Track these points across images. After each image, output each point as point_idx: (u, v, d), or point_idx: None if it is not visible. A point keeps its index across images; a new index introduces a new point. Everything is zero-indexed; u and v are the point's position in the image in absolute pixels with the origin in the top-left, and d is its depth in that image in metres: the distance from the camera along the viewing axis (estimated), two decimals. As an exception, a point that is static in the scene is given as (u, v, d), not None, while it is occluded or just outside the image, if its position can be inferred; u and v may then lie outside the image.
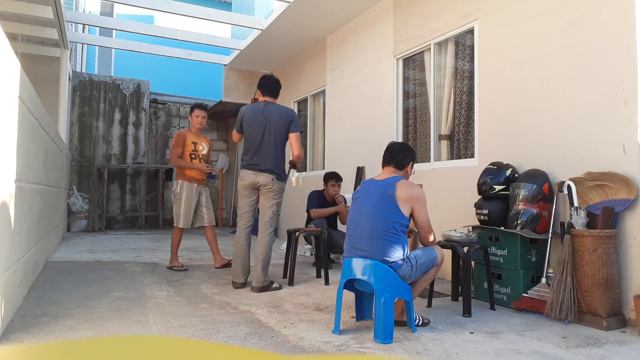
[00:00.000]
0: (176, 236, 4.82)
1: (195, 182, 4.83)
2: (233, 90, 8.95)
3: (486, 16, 4.23)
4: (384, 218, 2.74)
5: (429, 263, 2.84)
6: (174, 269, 4.71)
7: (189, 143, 4.86)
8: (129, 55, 10.54)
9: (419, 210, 2.82)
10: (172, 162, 4.95)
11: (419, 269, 2.80)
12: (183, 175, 4.82)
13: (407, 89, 5.43)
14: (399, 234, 2.75)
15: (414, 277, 2.82)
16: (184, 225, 4.76)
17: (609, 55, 3.18)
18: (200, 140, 4.95)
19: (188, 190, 4.78)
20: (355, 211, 2.92)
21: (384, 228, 2.72)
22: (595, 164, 3.21)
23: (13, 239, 2.87)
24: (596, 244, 2.94)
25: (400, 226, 2.75)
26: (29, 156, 3.42)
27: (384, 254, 2.71)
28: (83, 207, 8.64)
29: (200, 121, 4.94)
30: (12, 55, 2.75)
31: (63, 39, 7.01)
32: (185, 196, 4.76)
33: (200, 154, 4.91)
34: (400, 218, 2.75)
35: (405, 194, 2.78)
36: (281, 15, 6.35)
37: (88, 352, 0.40)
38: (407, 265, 2.75)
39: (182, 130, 4.95)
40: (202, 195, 4.91)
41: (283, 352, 2.39)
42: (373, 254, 2.72)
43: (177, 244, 4.81)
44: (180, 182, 4.81)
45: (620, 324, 2.92)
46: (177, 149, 4.80)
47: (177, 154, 4.79)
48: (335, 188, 5.30)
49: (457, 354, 2.41)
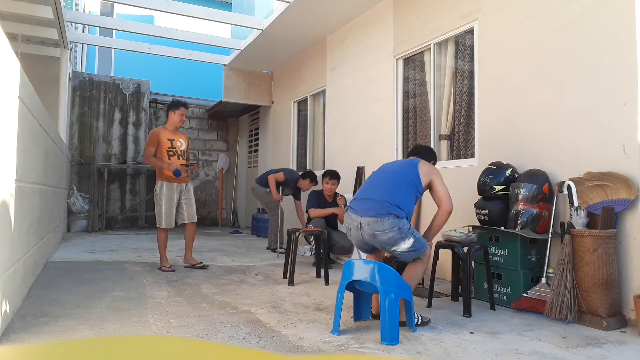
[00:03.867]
0: (161, 237, 4.77)
1: (175, 181, 4.74)
2: (233, 90, 8.95)
3: (486, 16, 4.23)
4: (404, 176, 3.02)
5: (419, 246, 2.94)
6: (162, 269, 4.69)
7: (165, 140, 4.75)
8: (129, 55, 10.54)
9: (438, 182, 3.08)
10: (145, 161, 4.86)
11: (413, 243, 2.90)
12: (161, 175, 4.73)
13: (407, 89, 5.43)
14: (410, 194, 2.97)
15: (403, 249, 2.90)
16: (167, 226, 4.72)
17: (608, 55, 3.18)
18: (177, 136, 4.85)
19: (167, 190, 4.71)
20: (371, 177, 3.19)
21: (401, 182, 2.99)
22: (595, 164, 3.21)
23: (13, 239, 2.87)
24: (596, 244, 2.94)
25: (414, 188, 2.99)
26: (29, 156, 3.42)
27: (391, 199, 2.89)
28: (83, 207, 8.64)
29: (182, 119, 4.88)
30: (12, 55, 2.75)
31: (63, 39, 7.01)
32: (165, 196, 4.70)
33: (178, 150, 4.81)
34: (417, 182, 3.01)
35: (426, 168, 3.10)
36: (281, 15, 6.34)
37: (88, 352, 0.40)
38: (405, 226, 2.87)
39: (156, 129, 4.84)
40: (182, 193, 4.83)
41: (283, 352, 2.39)
42: (381, 198, 2.91)
43: (163, 245, 4.76)
44: (159, 183, 4.74)
45: (620, 324, 2.92)
46: (150, 147, 4.70)
47: (150, 153, 4.70)
48: (330, 186, 5.30)
49: (457, 354, 2.41)
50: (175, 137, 4.84)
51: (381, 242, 2.91)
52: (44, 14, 6.16)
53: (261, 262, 5.42)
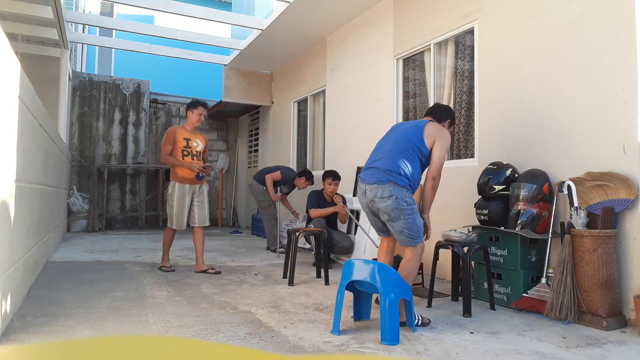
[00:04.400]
0: (167, 236, 4.71)
1: (188, 183, 4.62)
2: (233, 90, 8.95)
3: (486, 16, 4.23)
4: (408, 140, 3.02)
5: (415, 232, 2.95)
6: (162, 269, 4.64)
7: (180, 139, 4.63)
8: (129, 55, 10.54)
9: (438, 146, 3.01)
10: (161, 160, 4.77)
11: (410, 225, 2.90)
12: (175, 175, 4.64)
13: (407, 89, 5.43)
14: (414, 159, 2.98)
15: (400, 227, 2.91)
16: (177, 227, 4.64)
17: (608, 55, 3.18)
18: (194, 136, 4.72)
19: (180, 191, 4.61)
20: (381, 140, 3.24)
21: (405, 147, 2.99)
22: (595, 164, 3.21)
23: (13, 239, 2.87)
24: (596, 244, 2.94)
25: (419, 152, 2.99)
26: (29, 156, 3.42)
27: (393, 166, 2.92)
28: (83, 207, 8.64)
29: (201, 119, 4.77)
30: (12, 55, 2.75)
31: (63, 39, 7.01)
32: (177, 197, 4.60)
33: (194, 150, 4.67)
34: (421, 145, 3.00)
35: (432, 130, 3.05)
36: (281, 15, 6.34)
37: (88, 352, 0.40)
38: (405, 197, 2.88)
39: (174, 127, 4.75)
40: (195, 195, 4.71)
41: (283, 352, 2.39)
42: (384, 166, 2.95)
43: (167, 244, 4.70)
44: (172, 183, 4.65)
45: (620, 324, 2.92)
46: (167, 145, 4.59)
47: (166, 151, 4.58)
48: (332, 186, 5.30)
49: (457, 354, 2.41)
50: (192, 136, 4.71)
51: (380, 211, 2.97)
52: (44, 14, 6.16)
53: (261, 262, 5.42)
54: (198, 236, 4.76)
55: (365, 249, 5.20)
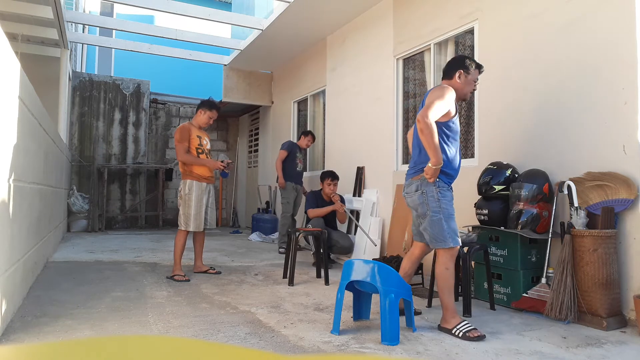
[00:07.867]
0: (181, 240, 4.36)
1: (205, 181, 4.41)
2: (233, 90, 8.95)
3: (486, 16, 4.23)
4: None
5: (440, 231, 2.76)
6: (175, 278, 4.20)
7: (194, 137, 4.42)
8: (129, 55, 10.54)
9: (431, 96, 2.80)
10: (179, 158, 4.38)
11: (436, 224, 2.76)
12: (191, 173, 4.36)
13: (407, 89, 5.43)
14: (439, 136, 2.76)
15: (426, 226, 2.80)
16: (195, 228, 4.35)
17: (609, 55, 3.18)
18: (203, 134, 4.57)
19: (198, 190, 4.35)
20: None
21: None
22: (595, 164, 3.20)
23: (13, 239, 2.87)
24: (596, 244, 2.94)
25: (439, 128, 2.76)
26: (29, 156, 3.42)
27: (423, 155, 2.83)
28: (83, 207, 8.64)
29: (210, 122, 4.66)
30: (12, 55, 2.75)
31: (63, 39, 7.00)
32: (196, 197, 4.34)
33: (205, 148, 4.51)
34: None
35: (432, 92, 2.84)
36: (281, 15, 6.34)
37: (88, 352, 0.40)
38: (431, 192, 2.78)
39: (185, 124, 4.50)
40: (210, 196, 4.54)
41: (283, 352, 2.39)
42: (413, 159, 2.94)
43: (181, 249, 4.34)
44: (188, 182, 4.35)
45: (620, 324, 2.92)
46: (184, 143, 4.33)
47: (184, 149, 4.32)
48: (331, 187, 5.30)
49: (457, 354, 2.41)
50: (203, 135, 4.57)
51: (411, 208, 2.95)
52: (44, 14, 6.16)
53: (261, 262, 5.42)
54: (201, 238, 4.66)
55: (365, 249, 5.21)
